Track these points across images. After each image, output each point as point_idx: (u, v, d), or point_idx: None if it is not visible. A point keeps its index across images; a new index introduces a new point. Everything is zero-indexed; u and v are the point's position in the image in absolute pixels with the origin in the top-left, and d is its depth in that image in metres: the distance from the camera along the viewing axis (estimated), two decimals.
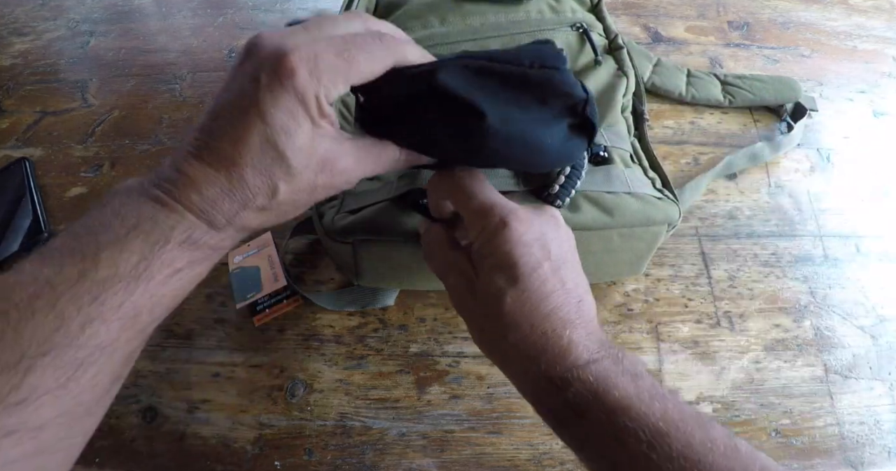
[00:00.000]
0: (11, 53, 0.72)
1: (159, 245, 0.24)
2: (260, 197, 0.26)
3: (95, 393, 0.24)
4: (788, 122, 0.59)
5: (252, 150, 0.25)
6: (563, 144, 0.30)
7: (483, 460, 0.41)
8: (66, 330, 0.22)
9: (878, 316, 0.48)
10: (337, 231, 0.40)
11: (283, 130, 0.25)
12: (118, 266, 0.23)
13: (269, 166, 0.25)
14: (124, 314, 0.23)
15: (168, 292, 0.25)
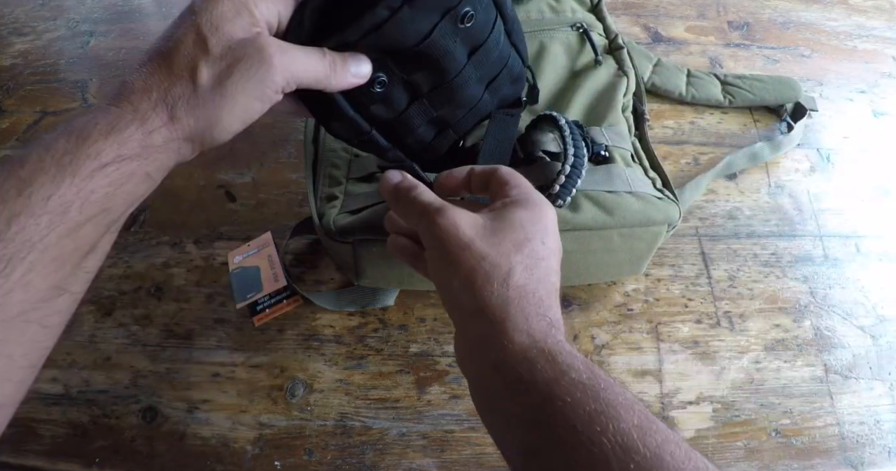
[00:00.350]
0: (11, 53, 0.72)
1: (83, 138, 0.24)
2: (184, 79, 0.26)
3: (29, 295, 0.23)
4: (788, 122, 0.59)
5: (176, 35, 0.26)
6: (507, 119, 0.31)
7: (483, 460, 0.41)
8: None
9: (878, 316, 0.48)
10: (337, 231, 0.40)
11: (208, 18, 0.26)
12: (43, 161, 0.23)
13: (190, 48, 0.26)
14: (52, 208, 0.23)
15: (96, 188, 0.24)
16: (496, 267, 0.28)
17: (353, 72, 0.30)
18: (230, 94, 0.26)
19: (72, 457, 0.42)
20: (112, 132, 0.24)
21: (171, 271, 0.51)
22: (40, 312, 0.24)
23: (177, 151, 0.27)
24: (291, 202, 0.54)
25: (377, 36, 0.29)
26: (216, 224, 0.53)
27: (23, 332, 0.23)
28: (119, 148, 0.24)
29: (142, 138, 0.25)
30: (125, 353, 0.47)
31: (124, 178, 0.25)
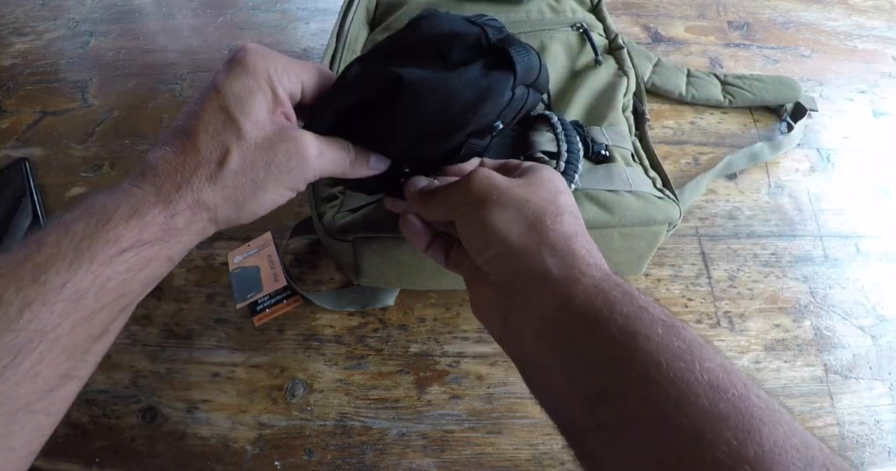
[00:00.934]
0: (11, 53, 0.72)
1: (103, 222, 0.23)
2: (212, 162, 0.25)
3: (36, 386, 0.22)
4: (788, 122, 0.59)
5: (206, 118, 0.26)
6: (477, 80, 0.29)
7: (483, 460, 0.41)
8: (3, 313, 0.21)
9: (878, 316, 0.48)
10: (337, 229, 0.40)
11: (236, 98, 0.26)
12: (60, 245, 0.22)
13: (221, 131, 0.25)
14: (67, 296, 0.22)
15: (113, 275, 0.23)
16: (542, 208, 0.27)
17: (372, 165, 0.31)
18: (262, 183, 0.26)
19: (72, 457, 0.42)
20: (133, 216, 0.23)
21: (171, 271, 0.51)
22: (46, 401, 0.23)
23: (200, 232, 0.26)
24: (291, 202, 0.54)
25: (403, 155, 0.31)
26: None
27: (26, 423, 0.22)
28: (140, 233, 0.24)
29: (164, 222, 0.24)
30: (125, 353, 0.47)
31: (143, 262, 0.24)
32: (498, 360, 0.45)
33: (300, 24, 0.72)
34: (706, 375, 0.20)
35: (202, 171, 0.25)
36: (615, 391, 0.22)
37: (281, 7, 0.75)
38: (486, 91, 0.28)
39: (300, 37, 0.71)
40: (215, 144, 0.25)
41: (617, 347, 0.22)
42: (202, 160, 0.25)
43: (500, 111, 0.30)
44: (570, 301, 0.24)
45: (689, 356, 0.21)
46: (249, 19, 0.74)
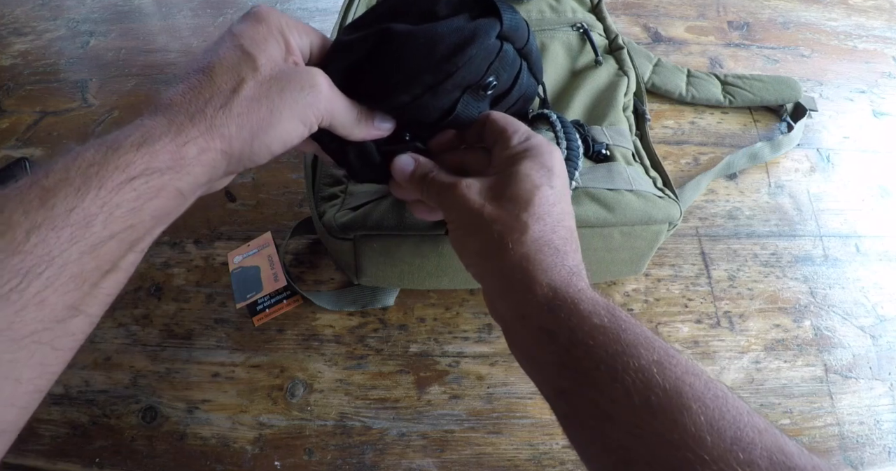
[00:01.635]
0: (11, 53, 0.72)
1: (113, 149, 0.23)
2: (225, 91, 0.25)
3: (42, 313, 0.21)
4: (788, 122, 0.59)
5: (221, 54, 0.26)
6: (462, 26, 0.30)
7: (483, 460, 0.41)
8: (11, 236, 0.20)
9: (878, 316, 0.48)
10: (338, 227, 0.40)
11: (251, 39, 0.27)
12: (69, 171, 0.22)
13: (236, 64, 0.26)
14: (74, 221, 0.21)
15: (122, 202, 0.23)
16: (508, 228, 0.28)
17: (377, 125, 0.32)
18: (277, 111, 0.26)
19: (72, 457, 0.42)
20: (143, 144, 0.23)
21: (171, 271, 0.51)
22: (53, 332, 0.22)
23: (211, 165, 0.25)
24: (291, 202, 0.54)
25: (400, 115, 0.32)
26: (216, 224, 0.53)
27: (33, 353, 0.22)
28: (150, 160, 0.23)
29: (175, 150, 0.24)
30: (125, 353, 0.47)
31: (153, 192, 0.23)
32: (498, 360, 0.45)
33: None
34: (639, 373, 0.23)
35: (216, 100, 0.25)
36: (568, 390, 0.25)
37: (281, 7, 0.75)
38: (471, 34, 0.30)
39: None
40: (230, 76, 0.26)
41: (564, 355, 0.25)
42: (216, 91, 0.25)
43: (490, 63, 0.31)
44: (526, 316, 0.27)
45: (624, 358, 0.24)
46: None
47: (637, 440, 0.22)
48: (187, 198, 0.26)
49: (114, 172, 0.22)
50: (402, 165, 0.33)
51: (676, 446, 0.21)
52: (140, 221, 0.24)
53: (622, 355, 0.24)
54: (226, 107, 0.25)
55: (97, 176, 0.22)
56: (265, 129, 0.26)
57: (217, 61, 0.26)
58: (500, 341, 0.46)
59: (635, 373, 0.23)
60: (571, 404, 0.25)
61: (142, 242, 0.25)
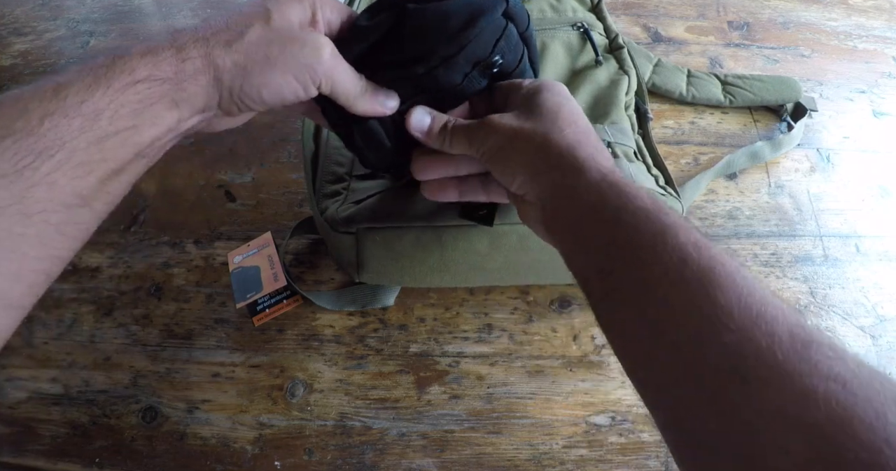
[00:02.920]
0: (11, 53, 0.72)
1: (119, 56, 0.25)
2: (233, 30, 0.27)
3: (52, 194, 0.23)
4: (789, 122, 0.59)
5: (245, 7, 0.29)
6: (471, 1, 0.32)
7: (483, 460, 0.41)
8: (26, 119, 0.23)
9: (878, 316, 0.48)
10: (341, 220, 0.40)
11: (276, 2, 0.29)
12: (81, 72, 0.25)
13: (251, 15, 0.28)
14: (84, 112, 0.24)
15: (127, 102, 0.25)
16: (549, 130, 0.31)
17: (381, 101, 0.33)
18: (273, 60, 0.28)
19: (72, 457, 0.42)
20: (148, 54, 0.26)
21: (171, 271, 0.51)
22: (60, 216, 0.24)
23: (205, 89, 0.27)
24: (291, 202, 0.54)
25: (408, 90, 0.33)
26: (216, 224, 0.53)
27: (41, 232, 0.24)
28: (153, 68, 0.26)
29: (176, 64, 0.26)
30: (125, 353, 0.47)
31: (154, 98, 0.26)
32: (498, 360, 0.45)
33: None
34: (676, 251, 0.24)
35: (221, 35, 0.27)
36: (612, 269, 0.27)
37: None
38: (479, 8, 0.32)
39: None
40: (241, 20, 0.28)
41: (610, 233, 0.27)
42: (224, 29, 0.28)
43: (497, 40, 0.33)
44: (573, 196, 0.29)
45: (663, 237, 0.25)
46: None
47: (670, 311, 0.24)
48: (183, 116, 0.27)
49: (121, 74, 0.25)
50: (419, 117, 0.34)
51: (706, 316, 0.22)
52: (142, 123, 0.26)
53: (662, 234, 0.25)
54: (228, 44, 0.27)
55: (105, 76, 0.25)
56: (258, 73, 0.28)
57: (237, 11, 0.29)
58: (500, 341, 0.46)
59: (673, 251, 0.24)
60: (613, 282, 0.27)
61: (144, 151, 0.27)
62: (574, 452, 0.41)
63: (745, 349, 0.21)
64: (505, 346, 0.46)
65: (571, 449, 0.42)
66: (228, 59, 0.27)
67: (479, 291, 0.49)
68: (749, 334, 0.21)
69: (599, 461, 0.41)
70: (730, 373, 0.21)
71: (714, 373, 0.21)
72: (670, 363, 0.23)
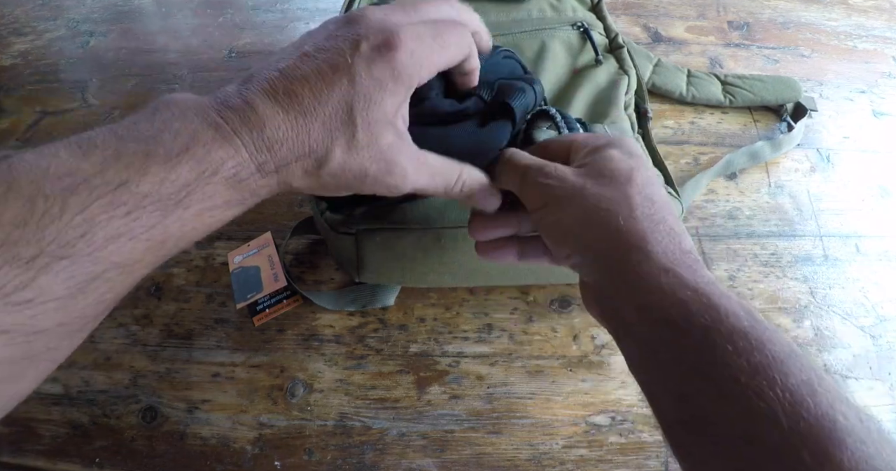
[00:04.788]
0: (11, 53, 0.72)
1: (206, 175, 0.23)
2: (314, 156, 0.25)
3: (98, 311, 0.22)
4: (789, 122, 0.59)
5: (329, 107, 0.24)
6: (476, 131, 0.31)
7: (483, 460, 0.41)
8: (90, 238, 0.20)
9: (878, 316, 0.48)
10: (341, 221, 0.40)
11: (365, 97, 0.25)
12: (162, 185, 0.21)
13: (336, 129, 0.25)
14: (153, 237, 0.22)
15: (199, 227, 0.23)
16: (616, 203, 0.26)
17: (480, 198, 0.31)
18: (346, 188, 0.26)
19: (72, 457, 0.42)
20: (232, 179, 0.23)
21: (171, 271, 0.51)
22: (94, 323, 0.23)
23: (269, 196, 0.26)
24: (291, 202, 0.54)
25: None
26: None
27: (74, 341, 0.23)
28: (233, 194, 0.24)
29: (254, 189, 0.25)
30: (125, 353, 0.47)
31: (224, 218, 0.25)
32: (498, 360, 0.45)
33: (300, 24, 0.72)
34: (787, 393, 0.20)
35: (303, 161, 0.25)
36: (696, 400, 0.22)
37: (281, 7, 0.75)
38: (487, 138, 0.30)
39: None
40: (326, 138, 0.25)
41: (695, 358, 0.22)
42: (307, 151, 0.25)
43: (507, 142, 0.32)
44: (647, 308, 0.24)
45: (770, 372, 0.20)
46: (249, 19, 0.74)
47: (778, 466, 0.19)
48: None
49: (201, 199, 0.23)
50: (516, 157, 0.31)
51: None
52: (197, 238, 0.24)
53: (768, 369, 0.20)
54: (307, 174, 0.25)
55: (186, 199, 0.22)
56: (326, 190, 0.27)
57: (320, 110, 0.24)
58: (500, 341, 0.46)
59: (783, 392, 0.20)
60: (696, 413, 0.22)
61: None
62: (574, 452, 0.41)
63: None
64: (505, 346, 0.46)
65: (571, 449, 0.42)
66: (304, 184, 0.26)
67: (479, 291, 0.49)
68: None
69: (599, 461, 0.41)
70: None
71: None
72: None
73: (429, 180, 0.28)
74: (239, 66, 0.68)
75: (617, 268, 0.25)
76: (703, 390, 0.22)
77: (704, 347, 0.22)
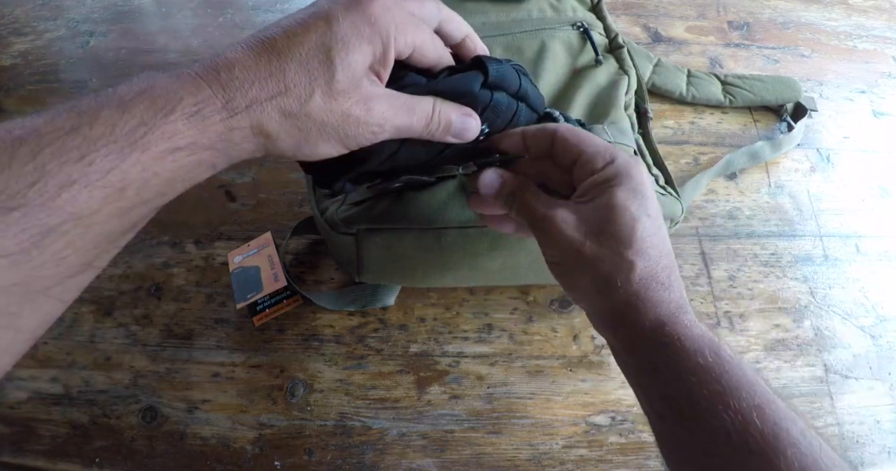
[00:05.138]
0: (11, 53, 0.72)
1: (164, 112, 0.21)
2: (292, 96, 0.24)
3: (59, 270, 0.21)
4: (789, 122, 0.59)
5: (304, 47, 0.24)
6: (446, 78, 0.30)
7: (483, 460, 0.41)
8: (42, 187, 0.19)
9: (878, 316, 0.48)
10: (341, 221, 0.40)
11: (342, 41, 0.24)
12: (115, 126, 0.21)
13: (314, 69, 0.24)
14: (110, 183, 0.20)
15: (161, 172, 0.22)
16: (615, 267, 0.28)
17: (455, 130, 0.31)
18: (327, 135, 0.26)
19: (72, 457, 0.42)
20: (195, 115, 0.22)
21: (171, 271, 0.51)
22: (62, 287, 0.22)
23: (250, 152, 0.25)
24: (291, 202, 0.54)
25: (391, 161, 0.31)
26: (216, 224, 0.53)
27: (39, 306, 0.21)
28: (197, 135, 0.22)
29: (223, 131, 0.23)
30: (125, 353, 0.47)
31: (192, 165, 0.23)
32: (498, 360, 0.45)
33: None
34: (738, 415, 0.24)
35: (279, 100, 0.24)
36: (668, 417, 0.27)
37: (281, 7, 0.75)
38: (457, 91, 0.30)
39: None
40: (303, 78, 0.24)
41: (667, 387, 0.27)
42: (283, 89, 0.24)
43: (482, 112, 0.31)
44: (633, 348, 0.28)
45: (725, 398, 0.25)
46: (250, 19, 0.74)
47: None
48: (218, 170, 0.25)
49: (160, 139, 0.21)
50: (488, 181, 0.32)
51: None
52: (172, 189, 0.23)
53: (723, 395, 0.25)
54: (284, 114, 0.24)
55: (143, 139, 0.21)
56: (310, 144, 0.26)
57: (297, 52, 0.24)
58: (500, 341, 0.46)
59: (735, 414, 0.24)
60: (670, 428, 0.27)
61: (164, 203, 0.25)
62: (574, 452, 0.41)
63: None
64: (505, 346, 0.46)
65: (571, 449, 0.42)
66: (283, 130, 0.25)
67: (479, 291, 0.49)
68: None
69: (599, 461, 0.41)
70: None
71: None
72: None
73: (407, 117, 0.28)
74: None
75: (613, 317, 0.29)
76: (673, 410, 0.27)
77: (675, 379, 0.26)
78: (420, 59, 0.28)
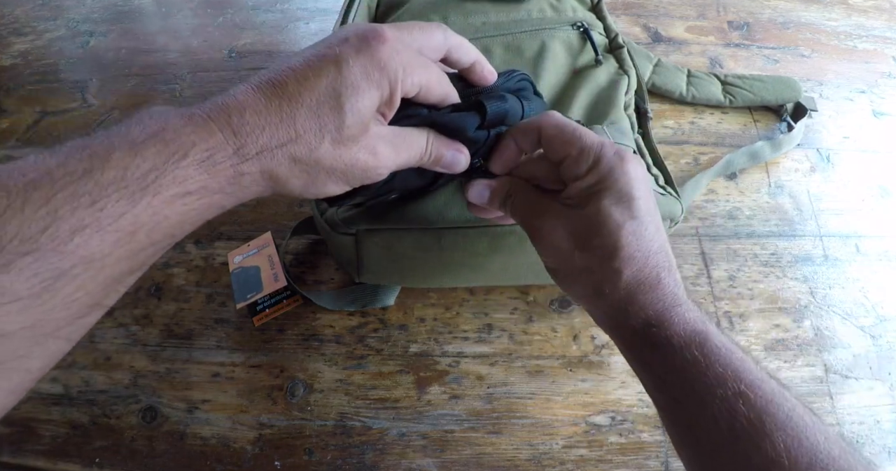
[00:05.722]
0: (11, 53, 0.72)
1: (176, 158, 0.22)
2: (302, 143, 0.24)
3: (70, 312, 0.21)
4: (789, 122, 0.59)
5: (315, 92, 0.24)
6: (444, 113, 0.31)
7: (483, 460, 0.41)
8: (54, 232, 0.19)
9: (878, 316, 0.48)
10: (340, 221, 0.40)
11: (352, 86, 0.25)
12: (127, 170, 0.21)
13: (325, 115, 0.24)
14: (121, 227, 0.21)
15: (171, 215, 0.22)
16: (602, 277, 0.29)
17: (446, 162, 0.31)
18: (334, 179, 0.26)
19: (72, 457, 0.42)
20: (207, 161, 0.23)
21: (171, 271, 0.51)
22: (71, 327, 0.22)
23: (257, 193, 0.26)
24: (291, 202, 0.54)
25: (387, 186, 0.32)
26: (216, 224, 0.53)
27: (48, 347, 0.21)
28: (208, 179, 0.23)
29: (233, 176, 0.24)
30: (125, 353, 0.47)
31: (202, 208, 0.23)
32: (498, 360, 0.45)
33: (300, 24, 0.72)
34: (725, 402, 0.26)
35: (289, 147, 0.24)
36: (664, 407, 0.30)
37: (281, 7, 0.75)
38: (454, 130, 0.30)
39: (300, 37, 0.71)
40: (313, 125, 0.24)
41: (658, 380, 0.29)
42: (294, 136, 0.24)
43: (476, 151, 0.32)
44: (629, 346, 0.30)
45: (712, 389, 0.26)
46: (249, 19, 0.74)
47: (722, 459, 0.26)
48: (226, 209, 0.26)
49: (171, 184, 0.22)
50: (476, 194, 0.33)
51: (756, 468, 0.24)
52: (180, 231, 0.24)
53: (711, 387, 0.26)
54: (293, 160, 0.25)
55: (154, 184, 0.21)
56: (316, 187, 0.26)
57: (307, 97, 0.24)
58: (500, 341, 0.46)
59: (721, 403, 0.26)
60: (668, 416, 0.29)
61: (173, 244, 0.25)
62: (574, 452, 0.41)
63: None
64: (505, 346, 0.46)
65: (571, 449, 0.42)
66: (291, 175, 0.25)
67: (479, 291, 0.49)
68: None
69: (599, 461, 0.41)
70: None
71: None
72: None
73: (406, 153, 0.29)
74: (239, 67, 0.68)
75: (608, 320, 0.31)
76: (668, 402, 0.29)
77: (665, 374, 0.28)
78: (426, 98, 0.29)
